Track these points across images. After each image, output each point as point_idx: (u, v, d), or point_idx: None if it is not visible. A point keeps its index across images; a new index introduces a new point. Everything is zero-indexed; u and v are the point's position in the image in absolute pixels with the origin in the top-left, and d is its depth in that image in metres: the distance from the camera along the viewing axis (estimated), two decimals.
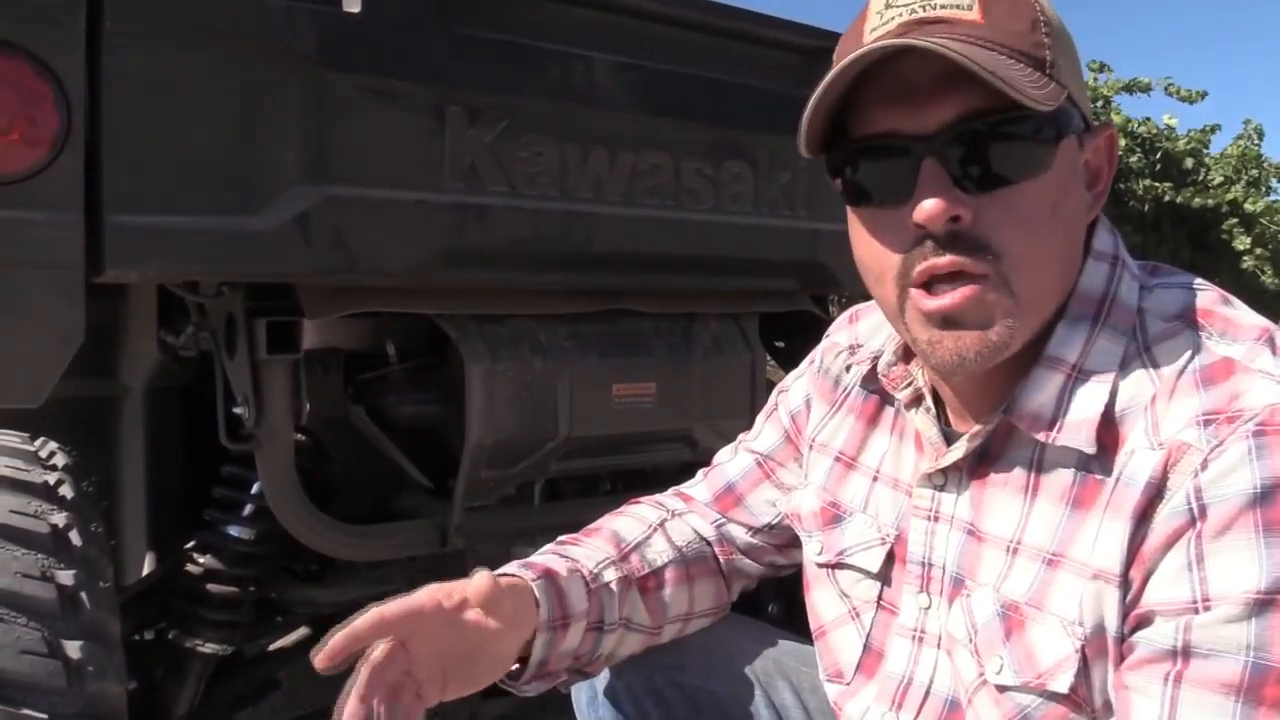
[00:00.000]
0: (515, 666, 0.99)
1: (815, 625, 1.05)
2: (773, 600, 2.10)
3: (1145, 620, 0.76)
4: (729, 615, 1.19)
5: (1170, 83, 10.59)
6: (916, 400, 0.95)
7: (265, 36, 1.42)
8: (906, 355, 0.97)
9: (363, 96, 1.51)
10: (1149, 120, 10.40)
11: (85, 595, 1.26)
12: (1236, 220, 10.29)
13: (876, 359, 0.99)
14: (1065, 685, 0.79)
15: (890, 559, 0.96)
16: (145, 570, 1.88)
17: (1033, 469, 0.84)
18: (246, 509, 1.76)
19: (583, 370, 1.82)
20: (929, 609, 0.92)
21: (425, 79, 1.58)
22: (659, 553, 1.11)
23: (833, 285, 2.22)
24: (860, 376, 1.02)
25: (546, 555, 1.06)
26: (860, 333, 1.08)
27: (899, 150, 0.81)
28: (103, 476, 1.82)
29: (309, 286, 1.60)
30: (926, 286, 0.81)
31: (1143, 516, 0.76)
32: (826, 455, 1.06)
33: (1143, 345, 0.82)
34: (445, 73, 1.60)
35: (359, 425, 1.86)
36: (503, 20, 1.70)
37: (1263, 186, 10.92)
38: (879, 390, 1.01)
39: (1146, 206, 9.98)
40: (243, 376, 1.58)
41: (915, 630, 0.93)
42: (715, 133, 1.92)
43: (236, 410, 1.60)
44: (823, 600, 1.04)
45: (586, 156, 1.75)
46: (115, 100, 1.33)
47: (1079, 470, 0.82)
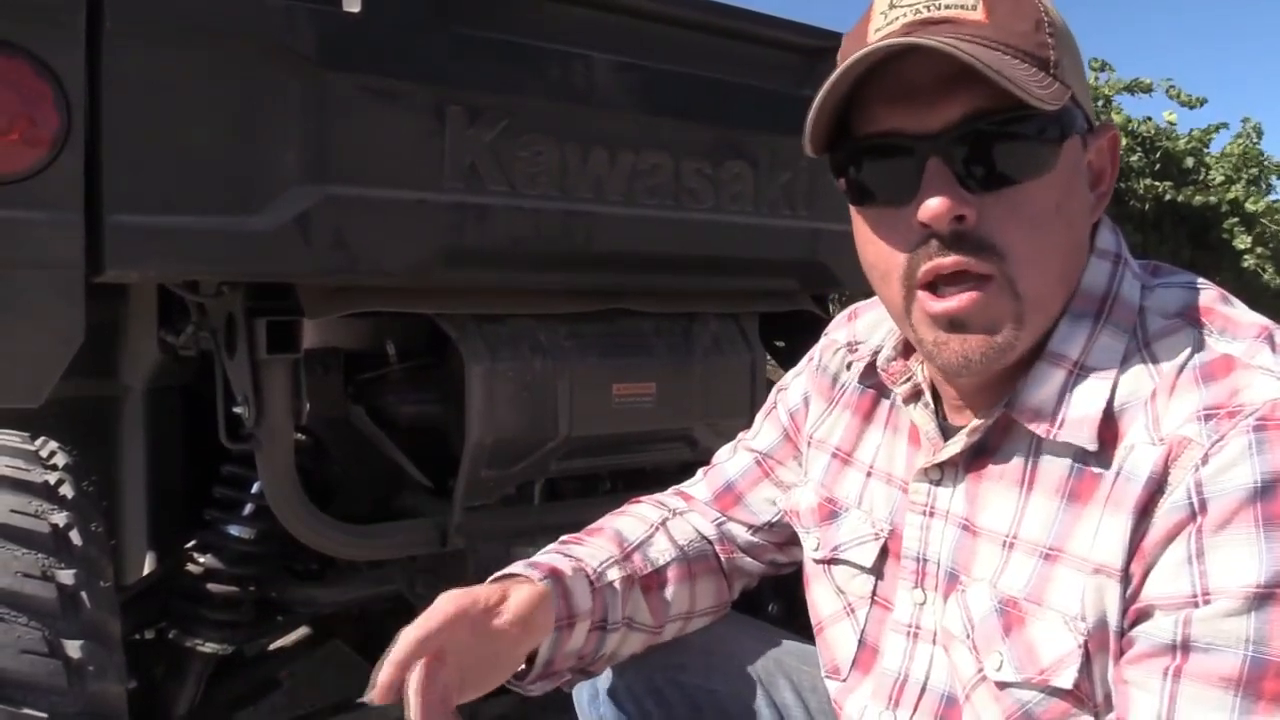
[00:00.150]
0: (521, 668, 0.99)
1: (815, 621, 1.05)
2: (773, 599, 2.10)
3: (1145, 614, 0.76)
4: (730, 614, 1.19)
5: (1172, 85, 10.58)
6: (915, 395, 0.95)
7: (265, 36, 1.42)
8: (906, 350, 0.98)
9: (363, 96, 1.51)
10: (1150, 119, 10.40)
11: (85, 595, 1.26)
12: (1237, 219, 10.28)
13: (876, 354, 1.00)
14: (1069, 681, 0.79)
15: (884, 554, 0.97)
16: (145, 570, 1.88)
17: (1029, 463, 0.85)
18: (247, 508, 1.76)
19: (583, 370, 1.82)
20: (924, 604, 0.92)
21: (425, 79, 1.58)
22: (661, 551, 1.11)
23: (833, 285, 2.22)
24: (858, 372, 1.03)
25: (551, 555, 1.06)
26: (859, 330, 1.08)
27: (904, 150, 0.81)
28: (103, 476, 1.82)
29: (309, 286, 1.60)
30: (932, 287, 0.82)
31: (1143, 511, 0.76)
32: (824, 452, 1.07)
33: (1143, 342, 0.82)
34: (445, 72, 1.60)
35: (359, 425, 1.86)
36: (503, 20, 1.70)
37: (1263, 184, 10.90)
38: (875, 385, 1.02)
39: (1147, 205, 9.97)
40: (243, 376, 1.59)
41: (910, 626, 0.93)
42: (715, 132, 1.92)
43: (237, 410, 1.61)
44: (821, 596, 1.04)
45: (586, 156, 1.75)
46: (115, 100, 1.33)
47: (1075, 464, 0.82)
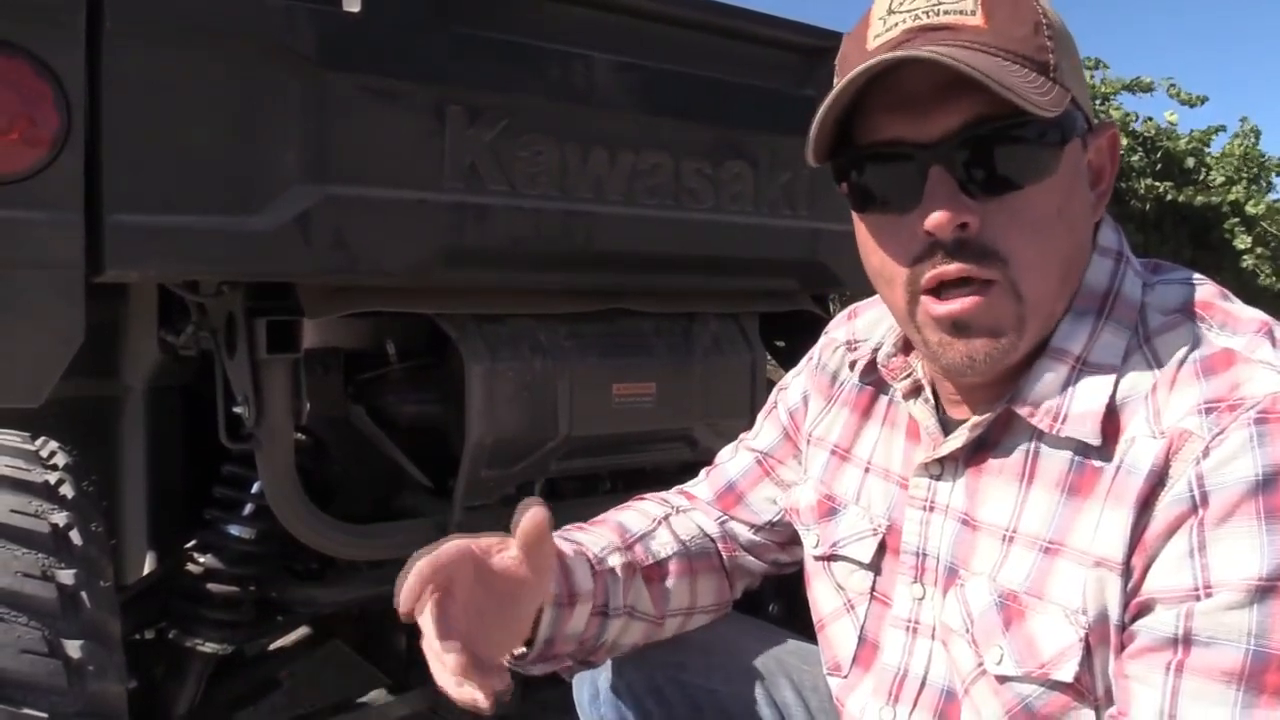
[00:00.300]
0: (522, 650, 0.99)
1: (816, 619, 1.05)
2: (773, 599, 2.10)
3: (1146, 608, 0.76)
4: (730, 613, 1.19)
5: (1173, 84, 10.58)
6: (915, 391, 0.96)
7: (265, 36, 1.42)
8: (906, 347, 0.98)
9: (363, 96, 1.51)
10: (1151, 119, 10.40)
11: (86, 595, 1.26)
12: (1238, 220, 10.28)
13: (876, 351, 1.00)
14: (1070, 674, 0.79)
15: (882, 549, 0.97)
16: (146, 569, 1.88)
17: (1029, 458, 0.85)
18: (247, 508, 1.76)
19: (583, 370, 1.82)
20: (922, 599, 0.92)
21: (425, 79, 1.58)
22: (663, 545, 1.11)
23: (833, 284, 2.22)
24: (859, 369, 1.03)
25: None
26: (858, 329, 1.09)
27: (905, 158, 0.81)
28: (103, 476, 1.82)
29: (309, 286, 1.60)
30: (935, 291, 0.82)
31: (1144, 504, 0.76)
32: (823, 449, 1.07)
33: (1144, 337, 0.83)
34: (445, 72, 1.60)
35: (359, 425, 1.86)
36: (503, 20, 1.70)
37: (1263, 182, 10.90)
38: (874, 382, 1.03)
39: (1148, 206, 9.97)
40: (243, 376, 1.59)
41: (909, 621, 0.93)
42: (715, 132, 1.92)
43: (237, 410, 1.61)
44: (821, 593, 1.04)
45: (586, 156, 1.75)
46: (115, 100, 1.33)
47: (1076, 458, 0.82)
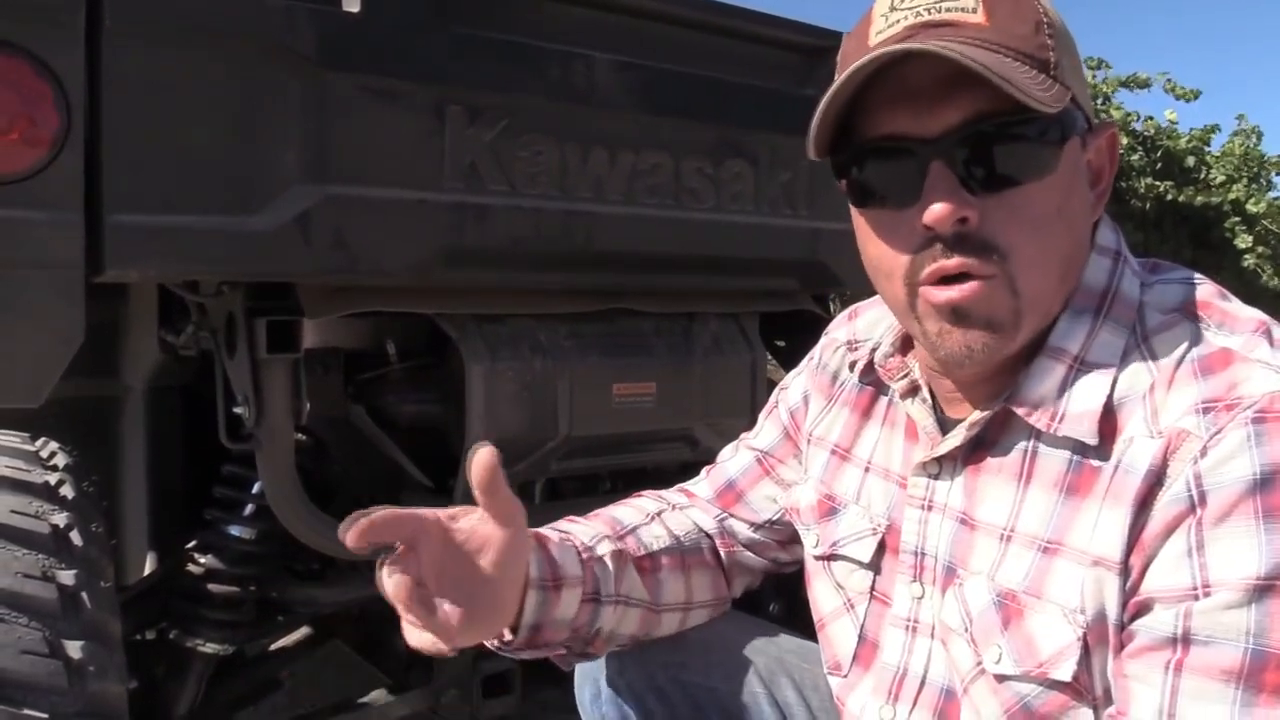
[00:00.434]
0: (510, 638, 0.98)
1: (816, 618, 1.05)
2: (774, 599, 2.10)
3: (1145, 607, 0.76)
4: (731, 612, 1.19)
5: (1169, 79, 10.60)
6: (912, 390, 0.96)
7: (265, 36, 1.42)
8: (904, 346, 0.98)
9: (363, 96, 1.51)
10: (1151, 119, 10.41)
11: (86, 595, 1.26)
12: (1239, 219, 10.29)
13: (874, 351, 1.00)
14: (1068, 674, 0.79)
15: (882, 549, 0.97)
16: (146, 570, 1.88)
17: (1027, 457, 0.85)
18: (247, 508, 1.76)
19: (583, 370, 1.82)
20: (922, 598, 0.92)
21: (425, 79, 1.58)
22: (656, 538, 1.11)
23: (833, 284, 2.22)
24: (857, 369, 1.03)
25: (537, 530, 1.05)
26: (859, 329, 1.09)
27: (906, 153, 0.81)
28: (103, 476, 1.82)
29: (309, 286, 1.60)
30: (934, 283, 0.82)
31: (1143, 504, 0.76)
32: (823, 449, 1.07)
33: (1141, 337, 0.83)
34: (445, 72, 1.60)
35: (359, 424, 1.86)
36: (502, 20, 1.70)
37: (1263, 181, 10.91)
38: (874, 382, 1.03)
39: (1148, 205, 9.97)
40: (243, 376, 1.58)
41: (908, 620, 0.93)
42: (715, 132, 1.92)
43: (237, 410, 1.60)
44: (821, 592, 1.05)
45: (586, 156, 1.75)
46: (115, 100, 1.33)
47: (1074, 457, 0.82)
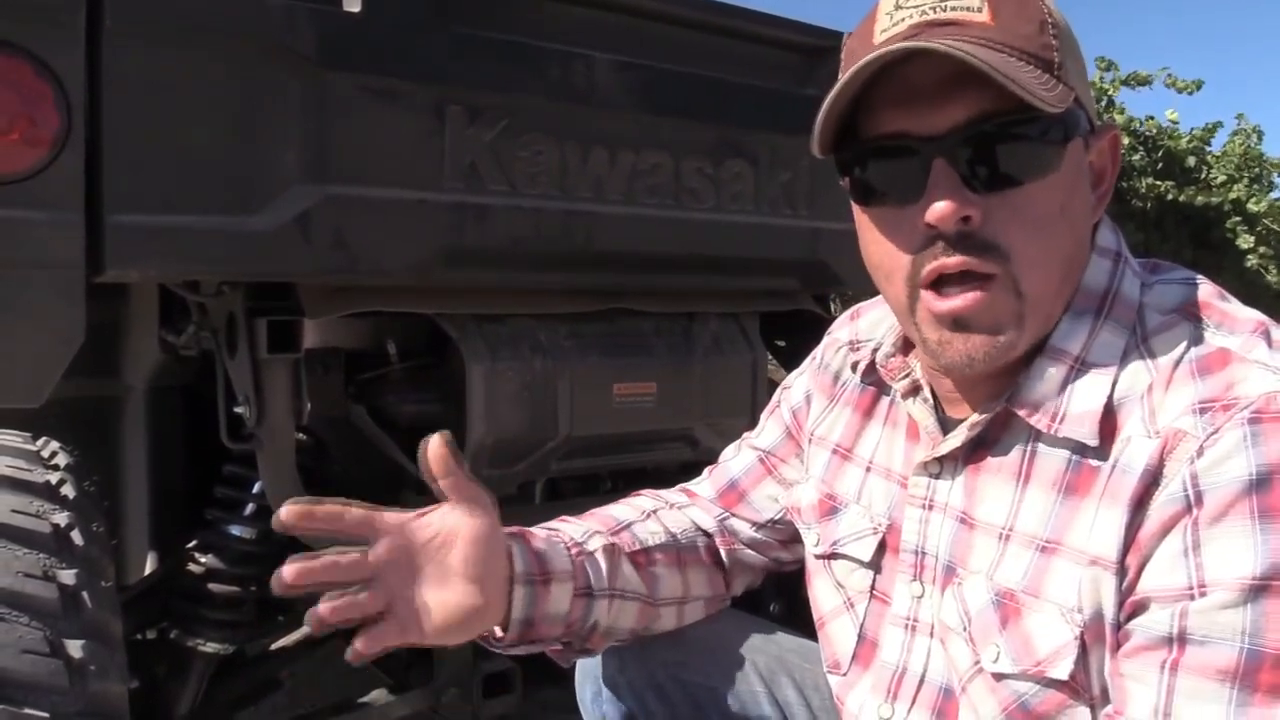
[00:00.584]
0: (502, 634, 0.98)
1: (816, 617, 1.06)
2: (774, 598, 2.10)
3: (1141, 607, 0.76)
4: (732, 611, 1.19)
5: (1169, 73, 10.61)
6: (913, 390, 0.96)
7: (265, 36, 1.43)
8: (905, 347, 0.98)
9: (363, 96, 1.51)
10: (1152, 118, 10.41)
11: (87, 595, 1.26)
12: (1240, 219, 10.28)
13: (876, 351, 1.00)
14: (1065, 673, 0.79)
15: (882, 548, 0.97)
16: (147, 569, 1.88)
17: (1026, 457, 0.85)
18: (248, 508, 1.76)
19: (583, 370, 1.82)
20: (921, 597, 0.92)
21: (425, 78, 1.58)
22: (651, 534, 1.11)
23: (834, 284, 2.22)
24: (859, 369, 1.03)
25: (525, 528, 1.05)
26: (861, 329, 1.09)
27: (909, 151, 0.81)
28: (104, 476, 1.82)
29: (309, 286, 1.60)
30: (936, 286, 0.82)
31: (1139, 504, 0.77)
32: (824, 448, 1.07)
33: (1141, 337, 0.83)
34: (445, 72, 1.60)
35: (360, 424, 1.86)
36: (503, 19, 1.70)
37: (1264, 181, 10.91)
38: (876, 382, 1.03)
39: (1149, 205, 9.97)
40: (244, 376, 1.59)
41: (908, 619, 0.94)
42: (716, 132, 1.91)
43: (238, 409, 1.61)
44: (821, 591, 1.05)
45: (586, 156, 1.75)
46: (115, 100, 1.33)
47: (1073, 457, 0.82)
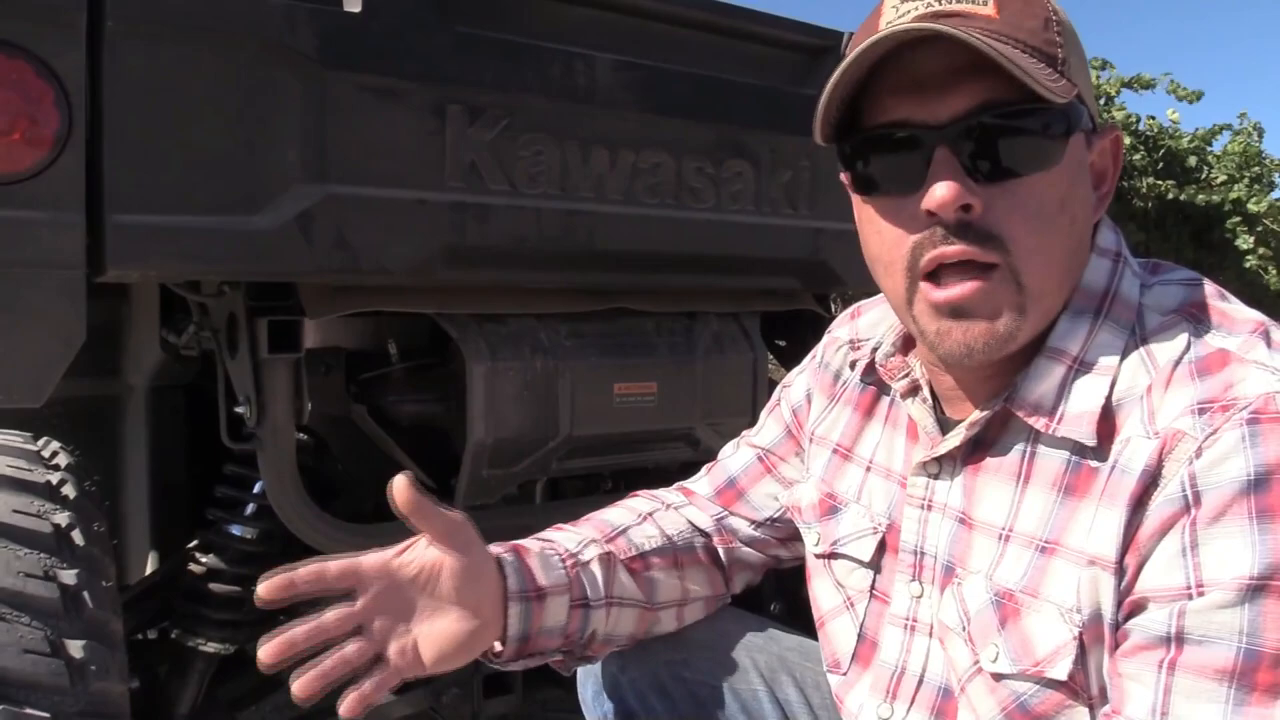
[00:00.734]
0: (500, 649, 0.98)
1: (816, 616, 1.06)
2: (774, 598, 2.10)
3: (1139, 607, 0.76)
4: (733, 611, 1.19)
5: (1172, 80, 10.60)
6: (913, 390, 0.96)
7: (266, 36, 1.42)
8: (905, 346, 0.98)
9: (364, 95, 1.51)
10: (1154, 118, 10.40)
11: (88, 594, 1.26)
12: (1240, 219, 10.28)
13: (875, 350, 1.00)
14: (1064, 672, 0.79)
15: (882, 548, 0.97)
16: (148, 569, 1.88)
17: (1025, 457, 0.85)
18: (249, 508, 1.76)
19: (584, 369, 1.82)
20: (920, 597, 0.93)
21: (426, 78, 1.58)
22: (648, 537, 1.11)
23: (835, 284, 2.22)
24: (860, 369, 1.03)
25: (519, 541, 1.05)
26: (861, 328, 1.09)
27: (912, 139, 0.81)
28: (105, 476, 1.82)
29: (310, 285, 1.60)
30: (934, 278, 0.82)
31: (1138, 504, 0.77)
32: (825, 448, 1.07)
33: (1140, 338, 0.83)
34: (446, 71, 1.60)
35: (361, 424, 1.86)
36: (504, 19, 1.70)
37: (1265, 181, 10.90)
38: (876, 382, 1.03)
39: (1150, 204, 9.96)
40: (244, 375, 1.59)
41: (907, 619, 0.94)
42: (716, 131, 1.91)
43: (238, 409, 1.61)
44: (821, 591, 1.05)
45: (587, 155, 1.75)
46: (116, 99, 1.33)
47: (1072, 457, 0.82)
